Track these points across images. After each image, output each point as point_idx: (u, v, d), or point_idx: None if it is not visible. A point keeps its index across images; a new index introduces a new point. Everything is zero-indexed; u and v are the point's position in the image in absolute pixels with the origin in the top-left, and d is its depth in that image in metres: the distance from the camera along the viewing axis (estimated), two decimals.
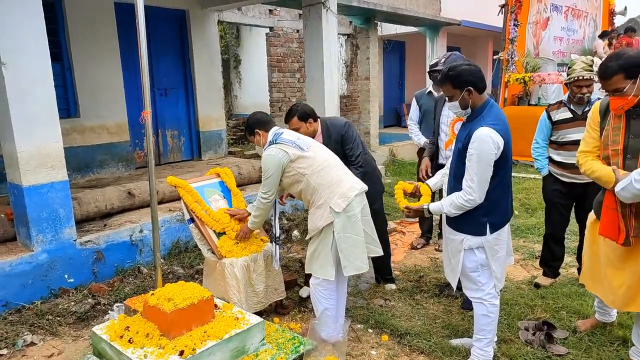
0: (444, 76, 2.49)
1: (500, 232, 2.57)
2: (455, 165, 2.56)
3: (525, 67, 8.42)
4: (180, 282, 2.73)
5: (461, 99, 2.44)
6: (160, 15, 6.56)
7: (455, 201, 2.45)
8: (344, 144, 3.44)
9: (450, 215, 2.52)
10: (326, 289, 2.92)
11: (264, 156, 2.93)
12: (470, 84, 2.41)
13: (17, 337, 3.11)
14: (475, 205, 2.42)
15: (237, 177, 4.78)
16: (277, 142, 2.93)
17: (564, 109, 3.50)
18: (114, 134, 6.21)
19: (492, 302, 2.60)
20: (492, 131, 2.34)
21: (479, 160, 2.35)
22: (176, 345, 2.37)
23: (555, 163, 3.58)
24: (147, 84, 2.83)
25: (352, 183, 2.90)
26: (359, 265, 2.87)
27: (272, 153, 2.90)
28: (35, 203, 3.49)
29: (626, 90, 2.27)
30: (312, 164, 2.87)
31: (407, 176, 7.84)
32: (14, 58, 3.28)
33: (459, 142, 2.52)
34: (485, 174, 2.38)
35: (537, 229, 5.01)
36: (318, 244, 2.89)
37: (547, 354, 2.79)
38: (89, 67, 5.83)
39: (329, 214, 2.80)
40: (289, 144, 2.92)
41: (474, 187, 2.38)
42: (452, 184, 2.58)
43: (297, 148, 2.90)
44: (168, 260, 4.28)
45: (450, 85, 2.46)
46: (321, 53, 5.82)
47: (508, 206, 2.62)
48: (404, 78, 13.71)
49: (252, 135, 3.10)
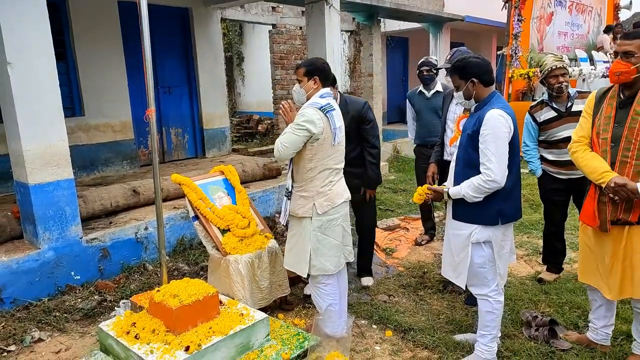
0: (452, 67, 2.63)
1: (508, 227, 2.59)
2: (464, 153, 2.55)
3: (529, 62, 8.38)
4: (186, 278, 2.75)
5: (465, 89, 2.55)
6: (164, 14, 6.58)
7: (474, 182, 2.43)
8: (361, 123, 3.51)
9: (469, 200, 2.48)
10: (327, 286, 2.93)
11: (306, 112, 2.70)
12: (475, 75, 2.51)
13: (25, 333, 3.15)
14: (497, 188, 2.41)
15: (241, 175, 4.80)
16: (328, 112, 2.74)
17: (547, 108, 3.47)
18: (119, 132, 6.24)
19: (497, 298, 2.61)
20: (503, 112, 2.42)
21: (495, 138, 2.39)
22: (182, 341, 2.39)
23: (549, 162, 3.56)
24: (151, 83, 2.85)
25: (341, 190, 2.90)
26: (327, 267, 2.86)
27: (313, 114, 2.68)
28: (42, 201, 3.52)
29: (636, 56, 2.31)
30: (323, 161, 2.78)
31: (411, 173, 7.83)
32: (20, 58, 3.30)
33: (467, 129, 2.54)
34: (503, 153, 2.40)
35: (540, 224, 4.99)
36: (293, 237, 2.90)
37: (550, 349, 2.80)
38: (93, 66, 5.86)
39: (310, 209, 2.79)
40: (332, 125, 2.75)
41: (493, 167, 2.38)
42: (462, 172, 2.56)
43: (333, 134, 2.75)
44: (173, 257, 4.31)
45: (457, 76, 2.59)
46: (324, 50, 5.82)
47: (519, 199, 2.63)
48: (407, 74, 13.67)
49: (308, 77, 2.81)
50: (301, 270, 2.89)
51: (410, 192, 6.66)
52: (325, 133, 2.73)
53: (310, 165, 2.79)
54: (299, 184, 2.86)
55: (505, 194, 2.48)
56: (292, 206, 2.90)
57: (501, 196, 2.47)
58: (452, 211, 2.64)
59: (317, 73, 2.81)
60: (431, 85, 4.48)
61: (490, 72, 2.55)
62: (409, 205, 6.08)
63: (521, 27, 8.41)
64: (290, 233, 2.96)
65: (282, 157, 2.79)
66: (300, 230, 2.86)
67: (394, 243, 4.80)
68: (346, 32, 10.74)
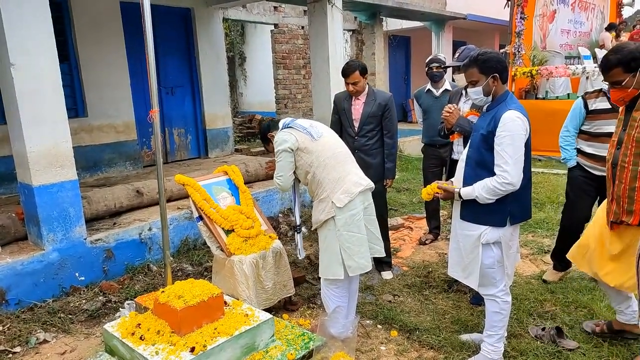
0: (472, 60, 2.50)
1: (516, 226, 2.58)
2: (477, 153, 2.49)
3: (532, 60, 8.36)
4: (190, 279, 2.74)
5: (485, 84, 2.47)
6: (166, 14, 6.58)
7: (489, 184, 2.38)
8: (384, 112, 3.73)
9: (482, 201, 2.43)
10: (338, 287, 2.90)
11: (275, 139, 2.94)
12: (497, 71, 2.45)
13: (30, 335, 3.14)
14: (512, 190, 2.37)
15: (245, 175, 4.79)
16: (289, 127, 2.93)
17: (602, 98, 3.31)
18: (122, 132, 6.25)
19: (504, 298, 2.59)
20: (520, 114, 2.39)
21: (512, 140, 2.34)
22: (187, 342, 2.39)
23: (586, 155, 3.41)
24: (155, 83, 2.85)
25: (357, 179, 2.85)
26: (363, 264, 2.82)
27: (281, 136, 2.89)
28: (46, 202, 3.52)
29: (625, 83, 2.36)
30: (319, 156, 2.82)
31: (414, 172, 7.82)
32: (23, 59, 3.30)
33: (481, 129, 2.48)
34: (519, 155, 2.36)
35: (545, 223, 4.99)
36: (324, 243, 2.87)
37: (557, 348, 2.78)
38: (96, 66, 5.86)
39: (330, 209, 2.77)
40: (301, 129, 2.89)
41: (510, 169, 2.33)
42: (473, 172, 2.50)
43: (308, 135, 2.87)
44: (177, 257, 4.30)
45: (477, 70, 2.48)
46: (326, 49, 5.81)
47: (529, 199, 2.62)
48: (410, 73, 13.65)
49: (267, 143, 3.13)
50: (335, 274, 2.81)
51: (414, 191, 6.65)
52: (300, 139, 2.85)
53: (311, 171, 2.85)
54: (315, 193, 2.90)
55: (516, 195, 2.44)
56: (314, 217, 2.89)
57: (512, 198, 2.44)
58: (461, 212, 2.59)
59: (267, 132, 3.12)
60: (440, 83, 4.46)
61: (507, 69, 2.52)
62: (412, 205, 6.06)
63: (524, 25, 8.38)
64: (320, 240, 2.92)
65: (284, 186, 2.94)
66: (327, 233, 2.82)
67: (398, 242, 4.79)
68: (348, 31, 10.73)
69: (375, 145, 3.77)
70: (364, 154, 3.71)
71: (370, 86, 3.83)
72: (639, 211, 2.41)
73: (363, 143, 3.74)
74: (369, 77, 9.72)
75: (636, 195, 2.39)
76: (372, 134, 3.73)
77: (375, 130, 3.75)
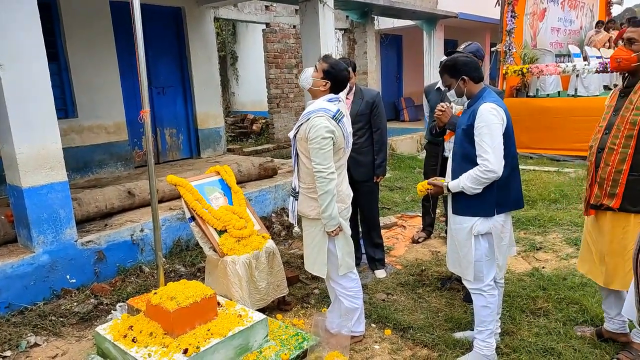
0: (442, 66, 2.69)
1: (507, 218, 2.63)
2: (460, 147, 2.60)
3: (523, 58, 8.41)
4: (183, 280, 2.73)
5: (457, 87, 2.63)
6: (156, 13, 6.53)
7: (472, 174, 2.48)
8: (373, 110, 3.77)
9: (468, 192, 2.52)
10: (353, 281, 2.92)
11: (321, 121, 2.60)
12: (465, 73, 2.59)
13: (21, 338, 3.11)
14: (495, 178, 2.45)
15: (237, 175, 4.78)
16: (339, 121, 2.68)
17: None
18: (112, 133, 6.20)
19: (490, 292, 2.64)
20: (494, 105, 2.49)
21: (490, 130, 2.44)
22: (180, 344, 2.37)
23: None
24: (145, 83, 2.82)
25: (348, 192, 2.89)
26: (350, 264, 2.88)
27: (321, 122, 2.60)
28: (35, 204, 3.48)
29: (637, 44, 2.37)
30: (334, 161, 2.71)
31: (407, 170, 7.84)
32: (11, 59, 3.26)
33: (462, 125, 2.59)
34: (498, 143, 2.44)
35: (537, 220, 5.02)
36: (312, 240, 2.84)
37: (549, 345, 2.80)
38: (85, 66, 5.81)
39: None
40: (344, 131, 2.72)
41: (490, 157, 2.42)
42: (459, 166, 2.59)
43: (347, 141, 2.76)
44: (170, 259, 4.28)
45: (447, 75, 2.66)
46: (318, 48, 5.80)
47: (518, 189, 2.67)
48: (402, 72, 13.69)
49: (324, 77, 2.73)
50: (320, 272, 2.85)
51: (407, 189, 6.66)
52: (339, 140, 2.70)
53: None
54: (307, 185, 2.78)
55: (501, 183, 2.52)
56: (302, 207, 2.84)
57: (498, 186, 2.51)
58: (452, 206, 2.68)
59: (332, 82, 2.72)
60: None
61: (478, 69, 2.64)
62: (405, 203, 6.08)
63: (514, 24, 8.44)
64: (306, 233, 2.90)
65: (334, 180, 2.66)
66: (316, 231, 2.82)
67: (391, 241, 4.80)
68: (340, 30, 10.72)
69: (366, 144, 3.78)
70: (354, 153, 3.61)
71: (358, 85, 3.83)
72: (622, 194, 2.44)
73: (353, 142, 3.71)
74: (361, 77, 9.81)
75: (622, 178, 2.44)
76: (361, 132, 3.73)
77: (365, 129, 3.76)
